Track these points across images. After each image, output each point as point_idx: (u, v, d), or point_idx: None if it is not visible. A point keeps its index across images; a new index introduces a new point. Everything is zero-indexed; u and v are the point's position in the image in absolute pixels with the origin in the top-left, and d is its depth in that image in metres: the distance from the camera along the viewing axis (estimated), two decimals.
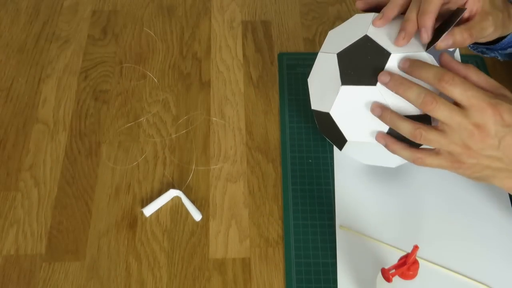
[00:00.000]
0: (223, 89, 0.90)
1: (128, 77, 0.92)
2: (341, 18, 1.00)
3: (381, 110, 0.65)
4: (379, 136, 0.67)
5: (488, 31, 0.69)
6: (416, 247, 0.59)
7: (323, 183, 0.79)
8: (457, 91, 0.61)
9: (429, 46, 0.66)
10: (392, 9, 0.67)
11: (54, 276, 0.72)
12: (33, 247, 0.74)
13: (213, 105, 0.88)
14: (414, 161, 0.65)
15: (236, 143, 0.84)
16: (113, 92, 0.90)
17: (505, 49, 0.82)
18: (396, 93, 0.64)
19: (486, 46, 0.81)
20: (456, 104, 0.62)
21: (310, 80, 0.74)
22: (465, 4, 0.68)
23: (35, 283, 0.71)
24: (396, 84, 0.63)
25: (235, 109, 0.88)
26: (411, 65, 0.64)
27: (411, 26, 0.65)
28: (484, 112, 0.60)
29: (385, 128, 0.67)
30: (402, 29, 0.65)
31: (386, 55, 0.66)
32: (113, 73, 0.92)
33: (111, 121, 0.86)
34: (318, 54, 0.73)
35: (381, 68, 0.66)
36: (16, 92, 0.90)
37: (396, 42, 0.66)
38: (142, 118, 0.87)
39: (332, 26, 0.99)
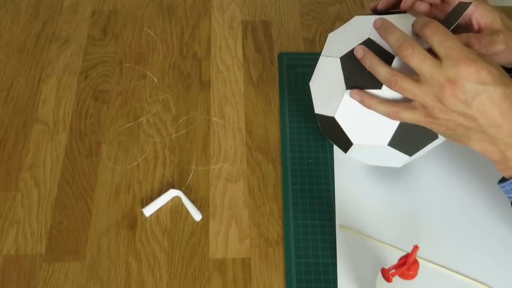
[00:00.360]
0: (223, 89, 0.90)
1: (128, 77, 0.92)
2: (341, 18, 1.00)
3: (363, 52, 0.65)
4: (353, 92, 0.66)
5: (499, 47, 0.69)
6: (416, 247, 0.59)
7: (323, 183, 0.79)
8: (436, 39, 0.60)
9: None
10: None
11: (54, 276, 0.72)
12: (33, 247, 0.74)
13: (213, 105, 0.88)
14: (389, 115, 0.64)
15: (236, 143, 0.84)
16: (113, 92, 0.90)
17: None
18: (380, 36, 0.64)
19: None
20: (434, 55, 0.61)
21: (313, 84, 0.74)
22: (471, 17, 0.69)
23: (35, 283, 0.71)
24: (383, 27, 0.63)
25: (235, 109, 0.88)
26: (383, 24, 0.65)
27: None
28: (459, 66, 0.58)
29: (391, 129, 0.67)
30: None
31: (390, 57, 0.65)
32: (113, 73, 0.92)
33: (111, 121, 0.86)
34: (320, 58, 0.73)
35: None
36: (16, 92, 0.90)
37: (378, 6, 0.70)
38: (142, 118, 0.87)
39: (332, 26, 0.99)
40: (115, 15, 1.00)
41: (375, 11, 0.73)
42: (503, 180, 0.66)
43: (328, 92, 0.70)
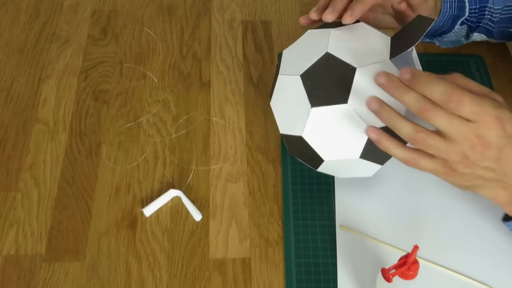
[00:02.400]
0: (223, 89, 0.90)
1: (128, 77, 0.92)
2: None
3: (378, 106, 0.61)
4: (371, 130, 0.63)
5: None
6: (416, 247, 0.59)
7: (323, 183, 0.79)
8: (467, 110, 0.57)
9: (393, 55, 0.65)
10: (340, 1, 0.70)
11: (54, 276, 0.72)
12: (33, 247, 0.74)
13: (213, 105, 0.88)
14: (406, 162, 0.62)
15: (236, 143, 0.84)
16: (113, 92, 0.90)
17: (439, 35, 0.84)
18: (392, 96, 0.60)
19: None
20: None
21: (274, 104, 0.72)
22: None
23: (35, 283, 0.71)
24: (393, 86, 0.60)
25: (235, 109, 0.88)
26: (414, 76, 0.59)
27: (340, 3, 0.69)
28: (491, 127, 0.57)
29: (362, 142, 0.66)
30: (330, 5, 0.69)
31: (351, 70, 0.65)
32: (113, 73, 0.92)
33: (111, 121, 0.86)
34: (279, 77, 0.71)
35: (349, 84, 0.64)
36: (16, 92, 0.90)
37: (323, 16, 0.69)
38: (142, 118, 0.87)
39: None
40: (115, 15, 1.00)
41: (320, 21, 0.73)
42: (508, 218, 0.67)
43: (293, 112, 0.69)
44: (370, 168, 0.70)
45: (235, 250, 0.74)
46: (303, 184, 0.79)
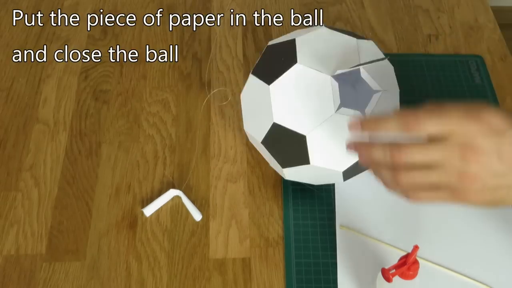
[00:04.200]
0: (223, 89, 0.90)
1: (128, 77, 0.92)
2: (341, 18, 1.00)
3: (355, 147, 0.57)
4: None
5: None
6: (416, 247, 0.59)
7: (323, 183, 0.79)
8: (429, 124, 0.52)
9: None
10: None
11: (54, 276, 0.72)
12: (34, 247, 0.74)
13: (213, 105, 0.88)
14: (407, 197, 0.55)
15: (236, 143, 0.84)
16: (113, 92, 0.90)
17: None
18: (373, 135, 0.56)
19: None
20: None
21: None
22: None
23: (35, 283, 0.71)
24: (370, 124, 0.55)
25: (235, 109, 0.88)
26: (364, 124, 0.56)
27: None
28: (470, 129, 0.51)
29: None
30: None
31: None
32: (113, 73, 0.92)
33: (111, 121, 0.86)
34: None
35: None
36: (16, 92, 0.90)
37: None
38: (142, 118, 0.87)
39: (333, 26, 0.99)
40: (115, 15, 1.00)
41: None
42: None
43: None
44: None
45: (235, 250, 0.74)
46: (303, 184, 0.79)
